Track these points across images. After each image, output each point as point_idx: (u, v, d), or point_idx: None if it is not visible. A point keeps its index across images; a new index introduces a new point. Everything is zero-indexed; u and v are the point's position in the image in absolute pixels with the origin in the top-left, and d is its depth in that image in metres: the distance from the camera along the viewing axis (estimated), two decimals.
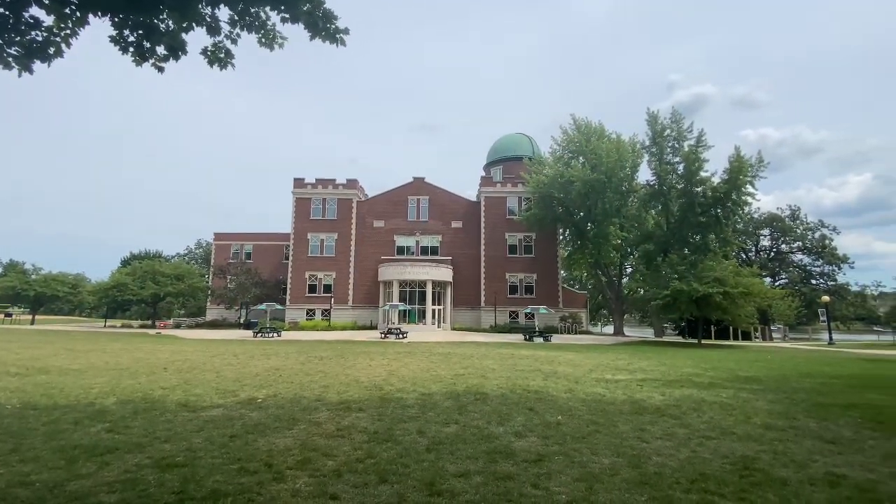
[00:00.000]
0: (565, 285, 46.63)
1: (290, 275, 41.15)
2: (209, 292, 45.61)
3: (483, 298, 40.62)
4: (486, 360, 15.01)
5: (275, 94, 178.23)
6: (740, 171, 31.22)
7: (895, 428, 6.54)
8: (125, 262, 64.04)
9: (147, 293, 42.72)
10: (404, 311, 37.38)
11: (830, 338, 33.85)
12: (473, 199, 44.70)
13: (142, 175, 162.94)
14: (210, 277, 48.15)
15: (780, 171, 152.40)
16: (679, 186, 33.96)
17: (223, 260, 45.78)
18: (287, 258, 43.03)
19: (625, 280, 42.36)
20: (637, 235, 37.76)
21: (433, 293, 38.76)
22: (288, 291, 40.84)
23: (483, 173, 48.44)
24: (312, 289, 41.04)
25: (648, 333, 46.68)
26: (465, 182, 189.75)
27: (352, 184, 42.68)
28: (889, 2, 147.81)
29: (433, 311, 38.59)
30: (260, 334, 28.09)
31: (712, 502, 3.84)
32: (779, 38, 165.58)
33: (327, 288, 40.87)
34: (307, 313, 40.40)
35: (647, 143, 35.31)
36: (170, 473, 4.41)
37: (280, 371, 11.91)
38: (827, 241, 50.91)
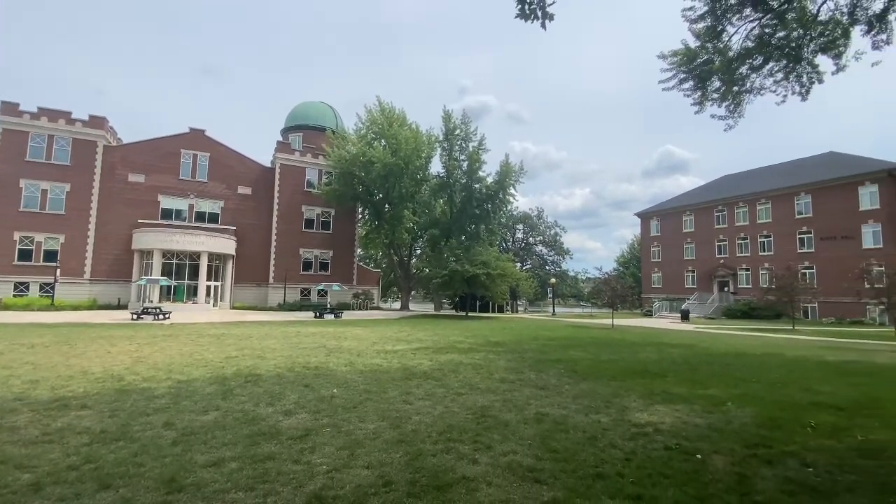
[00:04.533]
0: (361, 263, 47.51)
1: None
2: None
3: (272, 274, 37.77)
4: (268, 340, 14.07)
5: None
6: (507, 175, 37.34)
7: (584, 375, 8.92)
8: None
9: None
10: (169, 287, 31.67)
11: (553, 310, 44.47)
12: (267, 164, 40.77)
13: None
14: None
15: (533, 178, 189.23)
16: (462, 181, 38.36)
17: None
18: None
19: (414, 260, 45.87)
20: (426, 220, 41.20)
21: (210, 267, 34.00)
22: None
23: (280, 138, 44.53)
24: (26, 255, 30.59)
25: (430, 308, 51.94)
26: (257, 146, 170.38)
27: (97, 122, 33.14)
28: (609, 68, 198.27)
29: (208, 287, 33.90)
30: None
31: (454, 448, 4.50)
32: (539, 70, 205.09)
33: (51, 255, 31.05)
34: (16, 288, 30.03)
35: (441, 138, 38.62)
36: None
37: None
38: (558, 238, 66.80)
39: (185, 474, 3.79)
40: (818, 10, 11.99)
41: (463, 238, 38.61)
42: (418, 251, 46.65)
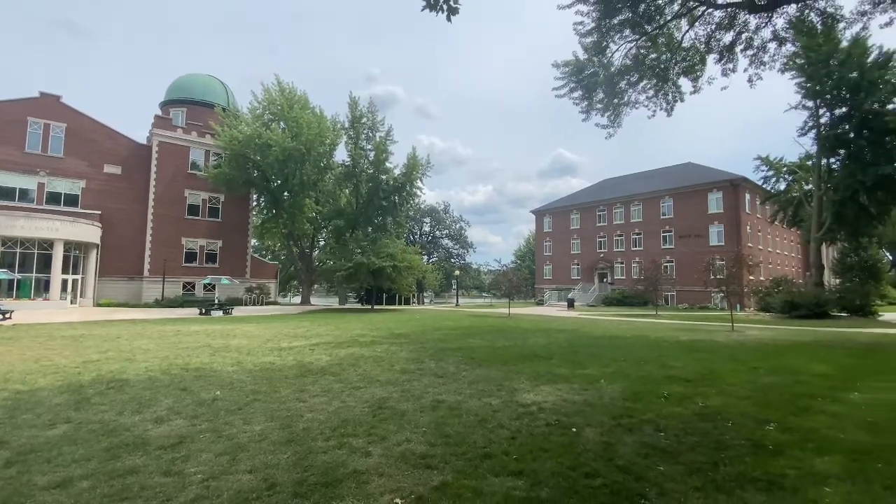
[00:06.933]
0: (256, 255, 44.20)
1: None
2: None
3: (148, 267, 33.43)
4: (139, 341, 12.44)
5: None
6: (414, 168, 37.45)
7: (480, 362, 9.31)
8: None
9: None
10: (10, 281, 26.40)
11: (457, 301, 45.91)
12: (142, 141, 35.81)
13: None
14: None
15: (440, 173, 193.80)
16: (369, 171, 37.61)
17: None
18: None
19: (316, 252, 43.92)
20: (331, 210, 39.68)
21: (67, 258, 29.03)
22: None
23: (159, 112, 39.26)
24: None
25: (334, 302, 50.36)
26: (131, 120, 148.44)
27: None
28: (512, 72, 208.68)
29: (65, 282, 28.95)
30: None
31: (347, 443, 4.40)
32: (448, 68, 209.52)
33: None
34: None
35: (347, 125, 37.36)
36: None
37: None
38: (463, 232, 69.39)
39: (19, 499, 3.19)
40: (682, 38, 13.88)
41: (370, 230, 37.91)
42: (321, 242, 44.78)
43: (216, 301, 28.91)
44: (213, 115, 36.40)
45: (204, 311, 25.23)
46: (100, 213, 31.64)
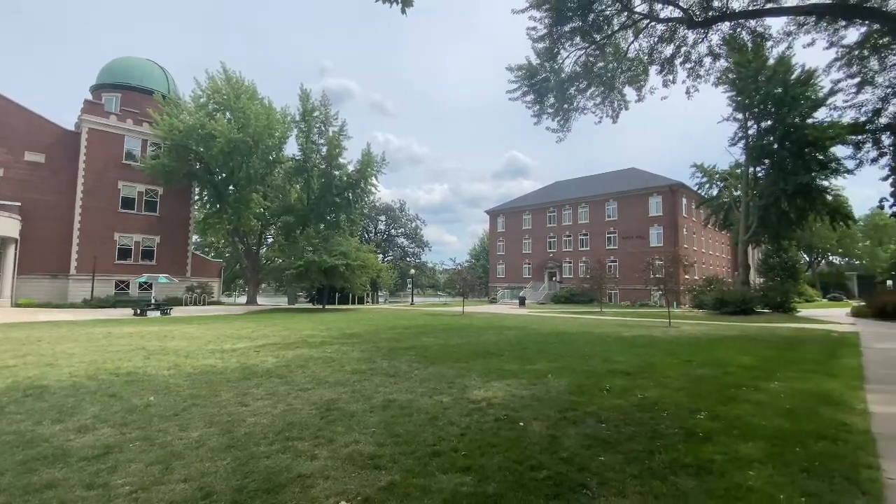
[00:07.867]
0: (198, 252, 41.84)
1: None
2: None
3: (75, 264, 30.71)
4: (64, 344, 11.41)
5: None
6: (369, 165, 36.89)
7: (433, 360, 9.31)
8: None
9: None
10: None
11: (412, 300, 45.78)
12: (70, 128, 32.83)
13: None
14: None
15: (396, 171, 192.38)
16: (321, 167, 36.63)
17: None
18: None
19: (264, 250, 42.20)
20: (279, 206, 38.28)
21: None
22: None
23: (89, 97, 36.05)
24: None
25: (283, 302, 48.63)
26: (56, 105, 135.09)
27: None
28: (469, 71, 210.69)
29: None
30: None
31: (292, 447, 4.25)
32: (405, 65, 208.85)
33: None
34: None
35: (298, 118, 36.15)
36: None
37: None
38: (418, 230, 69.29)
39: None
40: (628, 49, 14.57)
41: (322, 227, 36.93)
42: (269, 239, 43.08)
43: (153, 301, 27.07)
44: (152, 103, 33.97)
45: (139, 311, 23.55)
46: (19, 204, 28.68)
